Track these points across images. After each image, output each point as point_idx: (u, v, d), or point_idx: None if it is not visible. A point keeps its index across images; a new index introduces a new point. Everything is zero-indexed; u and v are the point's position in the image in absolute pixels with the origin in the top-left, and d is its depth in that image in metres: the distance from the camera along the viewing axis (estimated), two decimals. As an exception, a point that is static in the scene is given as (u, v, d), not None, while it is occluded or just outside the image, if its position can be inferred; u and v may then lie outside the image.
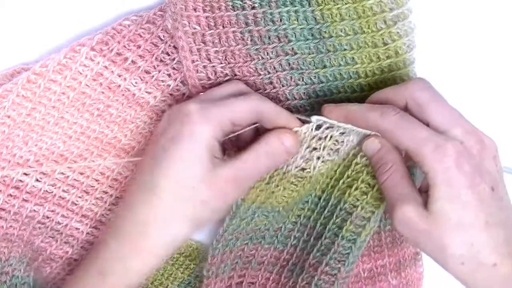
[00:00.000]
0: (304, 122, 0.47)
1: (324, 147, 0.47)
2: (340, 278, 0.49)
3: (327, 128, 0.47)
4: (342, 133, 0.47)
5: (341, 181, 0.50)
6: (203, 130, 0.43)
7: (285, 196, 0.49)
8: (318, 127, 0.47)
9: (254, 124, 0.47)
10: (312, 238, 0.51)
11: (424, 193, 0.44)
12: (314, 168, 0.48)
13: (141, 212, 0.44)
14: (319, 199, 0.51)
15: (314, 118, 0.46)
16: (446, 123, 0.43)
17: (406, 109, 0.45)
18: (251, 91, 0.48)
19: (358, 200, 0.49)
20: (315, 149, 0.47)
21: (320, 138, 0.47)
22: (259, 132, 0.48)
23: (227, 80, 0.50)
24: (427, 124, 0.43)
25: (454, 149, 0.41)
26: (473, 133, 0.43)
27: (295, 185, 0.49)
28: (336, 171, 0.50)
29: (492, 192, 0.42)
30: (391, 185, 0.45)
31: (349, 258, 0.49)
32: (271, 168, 0.47)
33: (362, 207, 0.49)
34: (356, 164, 0.49)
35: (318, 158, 0.48)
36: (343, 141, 0.47)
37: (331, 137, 0.47)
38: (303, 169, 0.48)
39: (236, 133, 0.48)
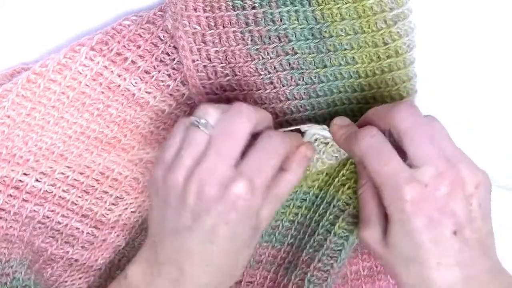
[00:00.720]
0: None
1: (324, 152, 0.48)
2: (333, 273, 0.49)
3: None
4: None
5: (336, 179, 0.50)
6: (257, 205, 0.43)
7: None
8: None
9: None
10: (306, 235, 0.52)
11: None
12: (314, 167, 0.49)
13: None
14: (316, 197, 0.51)
15: (312, 131, 0.48)
16: (420, 159, 0.41)
17: (390, 133, 0.44)
18: (262, 117, 0.46)
19: (350, 198, 0.49)
20: (315, 150, 0.48)
21: (322, 142, 0.48)
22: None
23: (227, 80, 0.50)
24: (405, 154, 0.42)
25: (413, 194, 0.40)
26: (447, 172, 0.41)
27: None
28: (335, 169, 0.51)
29: (453, 236, 0.41)
30: (361, 202, 0.46)
31: (341, 255, 0.49)
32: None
33: (354, 206, 0.49)
34: (351, 163, 0.49)
35: (318, 160, 0.48)
36: (340, 151, 0.48)
37: (332, 145, 0.48)
38: None
39: None
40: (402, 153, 0.42)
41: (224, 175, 0.42)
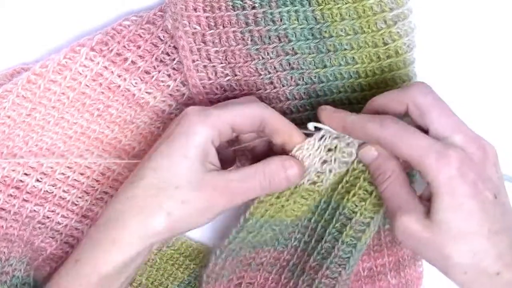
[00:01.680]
0: (306, 134, 0.47)
1: (335, 160, 0.47)
2: (340, 281, 0.49)
3: (326, 138, 0.46)
4: (348, 144, 0.46)
5: (340, 185, 0.49)
6: (198, 130, 0.43)
7: (294, 210, 0.49)
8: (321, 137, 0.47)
9: (261, 137, 0.47)
10: (313, 240, 0.51)
11: (426, 201, 0.43)
12: (327, 181, 0.47)
13: (120, 202, 0.43)
14: (320, 201, 0.51)
15: (311, 125, 0.46)
16: (447, 129, 0.42)
17: (406, 113, 0.44)
18: (257, 100, 0.47)
19: (356, 206, 0.48)
20: (326, 161, 0.47)
21: (329, 150, 0.46)
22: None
23: (227, 80, 0.50)
24: (427, 130, 0.43)
25: (456, 157, 0.41)
26: (475, 139, 0.42)
27: (305, 199, 0.48)
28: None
29: (494, 200, 0.41)
30: (390, 195, 0.44)
31: (349, 262, 0.49)
32: (266, 191, 0.46)
33: (361, 213, 0.48)
34: (354, 169, 0.48)
35: (330, 171, 0.47)
36: (351, 153, 0.47)
37: (340, 148, 0.46)
38: (314, 183, 0.48)
39: (243, 145, 0.48)
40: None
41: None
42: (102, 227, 0.43)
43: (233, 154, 0.51)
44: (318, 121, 0.47)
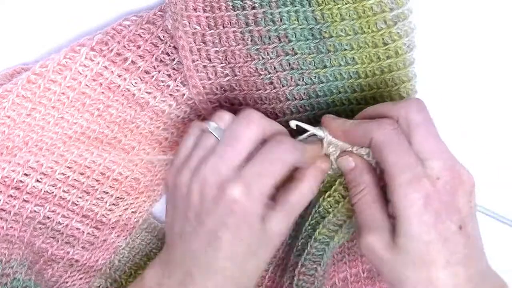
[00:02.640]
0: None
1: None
2: (318, 276, 0.49)
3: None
4: (330, 143, 0.47)
5: (321, 185, 0.49)
6: (255, 210, 0.43)
7: None
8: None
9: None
10: (295, 237, 0.52)
11: (393, 219, 0.43)
12: None
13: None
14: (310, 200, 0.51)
15: (293, 124, 0.47)
16: (428, 152, 0.42)
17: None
18: (274, 128, 0.46)
19: (331, 206, 0.49)
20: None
21: (325, 155, 0.47)
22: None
23: (227, 80, 0.50)
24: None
25: (424, 188, 0.41)
26: (452, 168, 0.42)
27: None
28: None
29: (459, 230, 0.41)
30: (360, 209, 0.45)
31: (323, 259, 0.49)
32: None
33: (334, 214, 0.49)
34: (334, 171, 0.48)
35: None
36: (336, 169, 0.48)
37: (334, 158, 0.47)
38: None
39: None
40: None
41: (224, 176, 0.42)
42: None
43: None
44: (318, 122, 0.48)
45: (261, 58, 0.50)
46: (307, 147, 0.46)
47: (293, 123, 0.46)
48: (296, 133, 0.47)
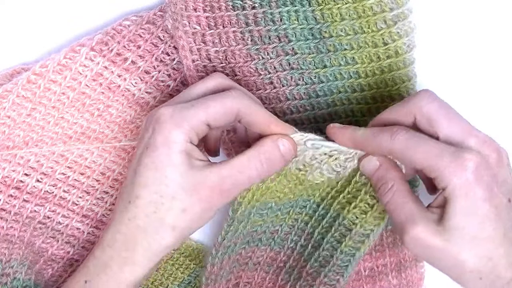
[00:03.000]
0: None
1: (325, 163, 0.46)
2: (339, 287, 0.49)
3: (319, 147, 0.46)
4: (346, 158, 0.46)
5: (341, 195, 0.49)
6: (175, 136, 0.42)
7: (277, 191, 0.49)
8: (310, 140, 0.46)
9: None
10: (310, 246, 0.51)
11: (435, 208, 0.42)
12: (310, 173, 0.47)
13: (123, 223, 0.43)
14: (318, 206, 0.50)
15: (310, 143, 0.45)
16: (459, 133, 0.41)
17: (414, 124, 0.43)
18: (232, 85, 0.45)
19: (357, 218, 0.48)
20: (315, 159, 0.46)
21: (325, 154, 0.46)
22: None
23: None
24: (437, 138, 0.42)
25: (472, 160, 0.40)
26: (489, 142, 0.41)
27: (288, 180, 0.48)
28: (337, 182, 0.49)
29: (508, 203, 0.41)
30: (395, 206, 0.43)
31: (347, 270, 0.49)
32: (264, 175, 0.44)
33: (361, 225, 0.48)
34: (356, 182, 0.48)
35: (316, 169, 0.47)
36: (345, 167, 0.46)
37: (335, 158, 0.46)
38: (299, 169, 0.47)
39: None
40: None
41: (166, 105, 0.44)
42: (108, 248, 0.43)
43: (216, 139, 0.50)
44: (317, 122, 0.48)
45: (261, 58, 0.50)
46: (264, 111, 0.44)
47: (309, 143, 0.45)
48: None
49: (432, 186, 0.46)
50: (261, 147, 0.44)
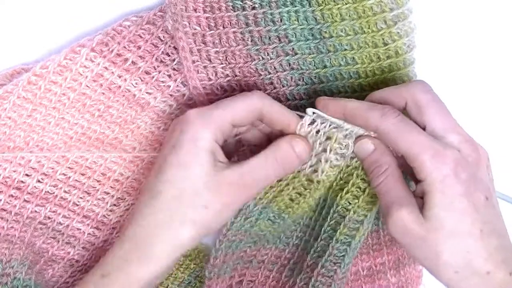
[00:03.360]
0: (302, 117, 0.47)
1: (330, 150, 0.46)
2: (337, 279, 0.49)
3: (322, 123, 0.46)
4: (345, 135, 0.46)
5: (334, 183, 0.49)
6: (203, 134, 0.43)
7: (292, 200, 0.49)
8: (313, 121, 0.46)
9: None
10: (312, 239, 0.51)
11: (418, 198, 0.43)
12: (322, 171, 0.47)
13: (145, 218, 0.43)
14: (320, 198, 0.51)
15: (310, 111, 0.46)
16: (444, 128, 0.43)
17: (404, 110, 0.44)
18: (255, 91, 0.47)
19: (350, 203, 0.49)
20: (324, 150, 0.46)
21: (328, 138, 0.46)
22: (271, 140, 0.47)
23: (228, 81, 0.50)
24: (424, 128, 0.43)
25: (452, 157, 0.41)
26: (470, 141, 0.43)
27: (304, 188, 0.48)
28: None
29: (486, 201, 0.42)
30: (386, 189, 0.44)
31: (344, 260, 0.49)
32: (280, 175, 0.46)
33: (354, 210, 0.48)
34: (347, 166, 0.48)
35: (326, 161, 0.47)
36: (347, 145, 0.46)
37: (335, 139, 0.46)
38: (315, 171, 0.47)
39: (238, 136, 0.48)
40: None
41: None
42: (128, 243, 0.43)
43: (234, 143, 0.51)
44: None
45: (261, 59, 0.50)
46: (286, 109, 0.46)
47: (309, 111, 0.46)
48: None
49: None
50: (276, 147, 0.45)
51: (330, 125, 0.46)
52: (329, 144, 0.46)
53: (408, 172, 0.45)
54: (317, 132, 0.46)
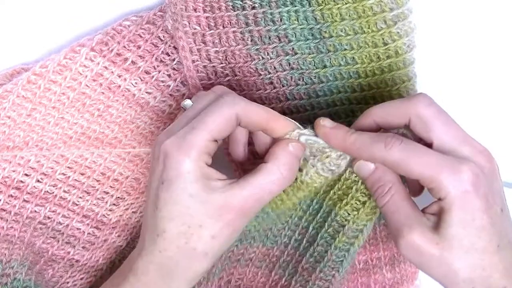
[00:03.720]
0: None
1: (318, 160, 0.45)
2: (335, 282, 0.49)
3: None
4: (339, 156, 0.45)
5: (332, 191, 0.48)
6: (187, 166, 0.41)
7: (276, 197, 0.48)
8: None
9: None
10: (305, 240, 0.51)
11: (430, 214, 0.42)
12: (307, 174, 0.46)
13: (155, 255, 0.42)
14: (312, 201, 0.50)
15: (303, 138, 0.45)
16: (454, 141, 0.41)
17: (408, 126, 0.43)
18: (225, 92, 0.45)
19: (349, 214, 0.48)
20: (314, 156, 0.45)
21: (319, 151, 0.45)
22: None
23: (227, 81, 0.50)
24: (431, 144, 0.42)
25: (470, 171, 0.40)
26: (483, 152, 0.41)
27: (292, 189, 0.47)
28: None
29: (501, 213, 0.41)
30: (393, 209, 0.43)
31: (343, 265, 0.49)
32: (286, 184, 0.44)
33: (353, 221, 0.48)
34: (346, 179, 0.47)
35: (313, 166, 0.45)
36: (339, 164, 0.45)
37: (327, 156, 0.45)
38: (300, 169, 0.46)
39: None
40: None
41: (169, 135, 0.42)
42: (143, 277, 0.43)
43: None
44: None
45: (261, 58, 0.50)
46: (264, 109, 0.44)
47: (303, 138, 0.45)
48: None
49: (416, 190, 0.46)
50: (277, 160, 0.43)
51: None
52: (320, 157, 0.45)
53: (410, 188, 0.45)
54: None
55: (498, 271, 0.40)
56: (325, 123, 0.45)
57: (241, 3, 0.48)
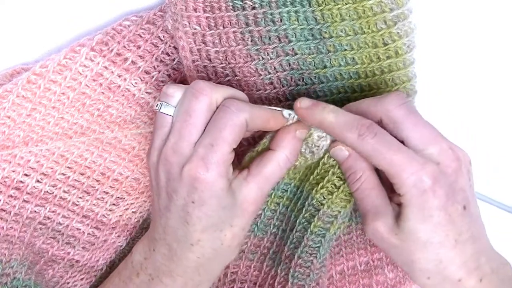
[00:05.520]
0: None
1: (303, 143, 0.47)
2: (314, 269, 0.50)
3: None
4: (320, 137, 0.46)
5: (311, 176, 0.50)
6: (220, 184, 0.43)
7: None
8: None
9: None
10: (288, 229, 0.52)
11: (396, 204, 0.44)
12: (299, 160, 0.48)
13: (192, 259, 0.46)
14: (297, 189, 0.51)
15: (286, 113, 0.46)
16: (422, 141, 0.42)
17: (380, 124, 0.44)
18: (227, 93, 0.46)
19: (324, 198, 0.49)
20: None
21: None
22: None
23: (227, 81, 0.50)
24: (402, 142, 0.43)
25: (431, 172, 0.41)
26: (449, 151, 0.43)
27: None
28: (309, 165, 0.50)
29: (463, 211, 0.42)
30: (362, 196, 0.45)
31: (320, 251, 0.50)
32: (290, 166, 0.47)
33: (328, 205, 0.49)
34: (324, 163, 0.48)
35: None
36: (318, 146, 0.47)
37: (309, 135, 0.46)
38: None
39: None
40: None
41: (183, 155, 0.43)
42: (179, 277, 0.46)
43: None
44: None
45: (261, 59, 0.50)
46: (266, 111, 0.46)
47: (286, 113, 0.46)
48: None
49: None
50: (285, 149, 0.46)
51: None
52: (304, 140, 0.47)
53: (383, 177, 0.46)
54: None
55: (455, 264, 0.42)
56: (301, 104, 0.46)
57: (241, 3, 0.48)
